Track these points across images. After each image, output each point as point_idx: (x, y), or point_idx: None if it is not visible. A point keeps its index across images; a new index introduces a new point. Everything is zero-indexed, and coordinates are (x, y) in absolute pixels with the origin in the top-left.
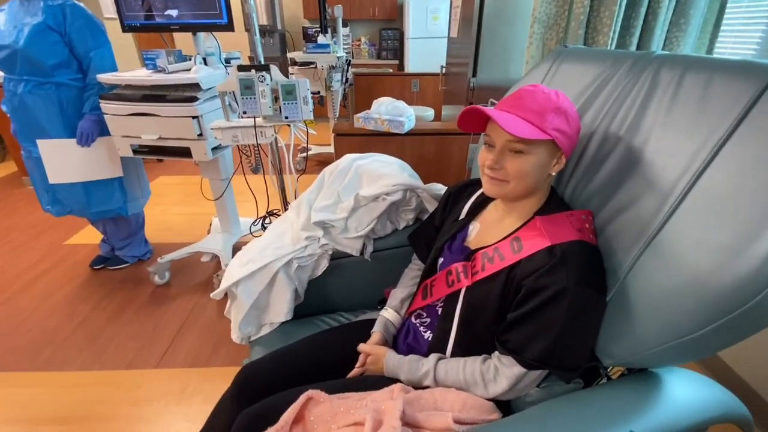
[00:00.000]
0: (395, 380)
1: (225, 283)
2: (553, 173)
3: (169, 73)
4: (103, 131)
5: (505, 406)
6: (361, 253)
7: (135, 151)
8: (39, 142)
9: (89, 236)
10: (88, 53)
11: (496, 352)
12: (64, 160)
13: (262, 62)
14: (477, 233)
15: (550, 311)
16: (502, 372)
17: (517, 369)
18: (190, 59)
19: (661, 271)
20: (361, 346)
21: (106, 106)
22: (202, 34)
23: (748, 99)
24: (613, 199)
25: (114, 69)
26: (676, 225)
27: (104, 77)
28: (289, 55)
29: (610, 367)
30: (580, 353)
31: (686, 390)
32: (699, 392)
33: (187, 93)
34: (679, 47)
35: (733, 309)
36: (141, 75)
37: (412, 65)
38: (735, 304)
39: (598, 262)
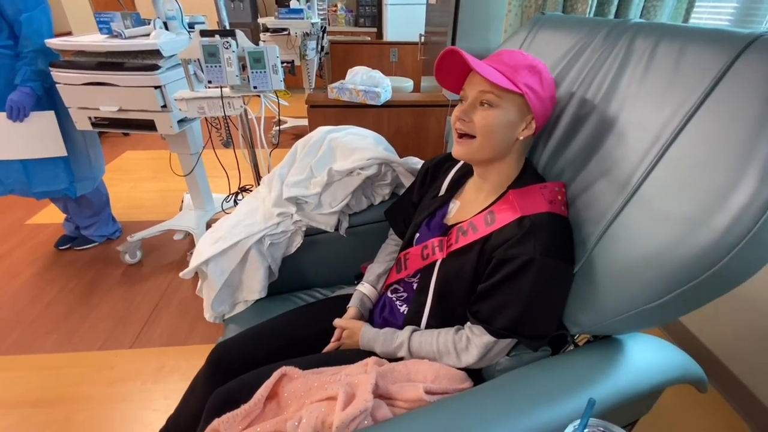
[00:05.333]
0: (370, 354)
1: (194, 261)
2: (521, 137)
3: (125, 38)
4: (42, 105)
5: (476, 374)
6: (336, 229)
7: (94, 124)
8: None
9: (52, 215)
10: (17, 16)
11: (468, 323)
12: None
13: (227, 27)
14: (457, 211)
15: (518, 281)
16: (473, 341)
17: (487, 338)
18: (149, 23)
19: (627, 242)
20: (337, 321)
21: (58, 74)
22: None
23: (718, 70)
24: (584, 170)
25: (50, 35)
26: (644, 197)
27: (53, 42)
28: (261, 20)
29: (577, 335)
30: (547, 322)
31: (646, 355)
32: (658, 356)
33: (147, 60)
34: (656, 16)
35: (693, 278)
36: (94, 40)
37: (391, 33)
38: (695, 273)
39: (567, 233)
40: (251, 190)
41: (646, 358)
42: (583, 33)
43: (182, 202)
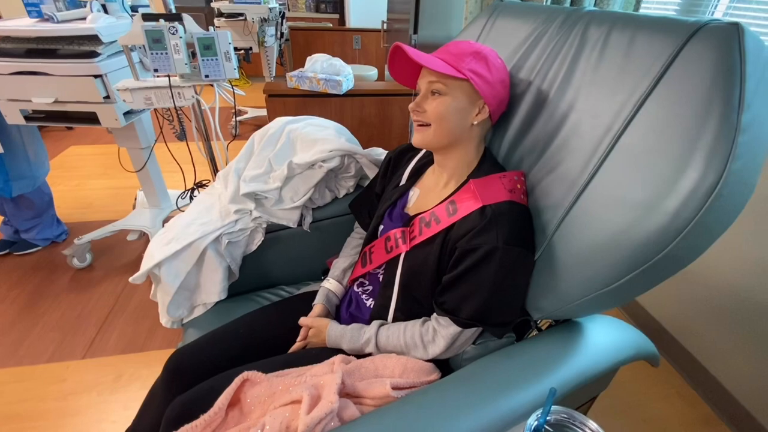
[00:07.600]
0: (338, 352)
1: (145, 265)
2: (476, 122)
3: (58, 22)
4: None
5: (444, 364)
6: (300, 225)
7: (28, 118)
8: None
9: None
10: None
11: (435, 314)
12: None
13: (173, 10)
14: (417, 199)
15: (482, 271)
16: (439, 332)
17: (453, 328)
18: (85, 5)
19: (584, 229)
20: (303, 320)
21: None
22: None
23: (667, 57)
24: (542, 159)
25: None
26: (599, 184)
27: None
28: (215, 4)
29: (540, 320)
30: (510, 310)
31: (604, 336)
32: (615, 337)
33: (85, 47)
34: (609, 5)
35: (647, 259)
36: (22, 25)
37: (353, 20)
38: (648, 256)
39: (528, 221)
40: (208, 186)
41: (604, 339)
42: (539, 21)
43: (135, 199)
